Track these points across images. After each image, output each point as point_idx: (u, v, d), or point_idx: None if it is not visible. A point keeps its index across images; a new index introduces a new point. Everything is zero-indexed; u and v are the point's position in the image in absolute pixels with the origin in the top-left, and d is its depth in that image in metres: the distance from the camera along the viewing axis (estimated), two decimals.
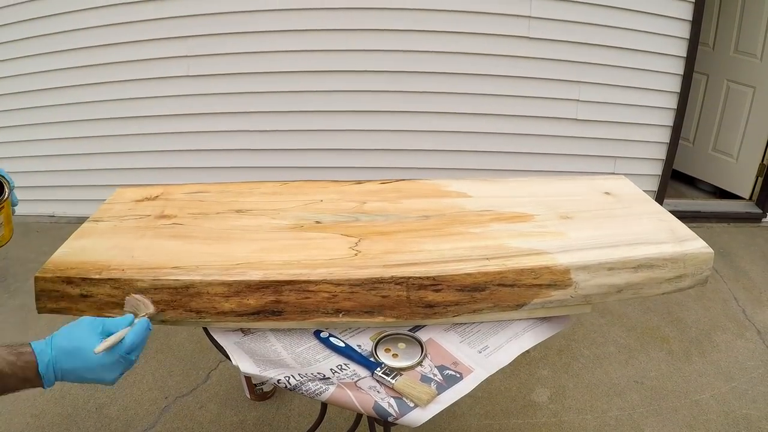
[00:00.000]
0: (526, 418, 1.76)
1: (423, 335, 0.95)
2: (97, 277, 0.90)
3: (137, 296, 0.87)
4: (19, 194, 0.99)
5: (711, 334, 2.15)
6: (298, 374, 0.85)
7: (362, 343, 0.94)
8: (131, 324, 0.77)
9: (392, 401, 0.81)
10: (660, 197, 2.94)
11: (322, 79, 2.65)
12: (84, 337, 0.72)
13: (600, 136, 2.81)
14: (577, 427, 1.73)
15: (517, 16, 2.52)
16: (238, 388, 1.87)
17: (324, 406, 1.46)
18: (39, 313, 0.93)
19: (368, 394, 0.82)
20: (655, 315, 2.25)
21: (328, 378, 0.85)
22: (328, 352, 0.92)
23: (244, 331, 0.96)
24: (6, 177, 0.91)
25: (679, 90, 2.71)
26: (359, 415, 1.46)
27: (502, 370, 0.90)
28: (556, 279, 0.92)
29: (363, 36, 2.56)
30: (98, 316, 0.77)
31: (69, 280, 0.90)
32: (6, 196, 0.90)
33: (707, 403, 1.81)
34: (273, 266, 0.92)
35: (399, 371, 0.85)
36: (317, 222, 1.08)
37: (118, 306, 0.90)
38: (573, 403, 1.82)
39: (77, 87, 2.77)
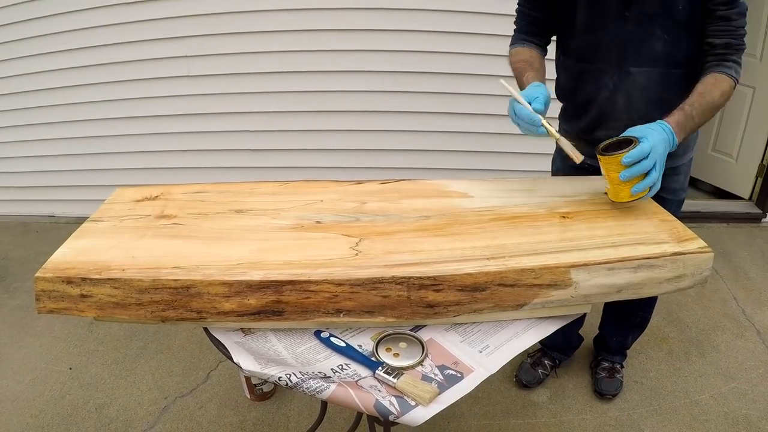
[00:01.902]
0: (526, 418, 1.76)
1: (424, 335, 0.95)
2: (98, 277, 0.90)
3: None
4: (18, 194, 1.01)
5: (711, 335, 2.15)
6: (299, 372, 0.85)
7: (363, 343, 0.94)
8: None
9: (393, 399, 0.81)
10: None
11: (322, 79, 2.66)
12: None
13: None
14: (576, 427, 1.73)
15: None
16: (237, 389, 1.87)
17: (324, 406, 1.46)
18: (39, 313, 0.93)
19: (369, 392, 0.82)
20: (655, 315, 2.24)
21: (329, 377, 0.86)
22: (328, 352, 0.92)
23: (245, 331, 0.96)
24: (637, 137, 1.03)
25: None
26: (359, 416, 1.46)
27: (502, 370, 0.90)
28: (557, 279, 0.92)
29: (363, 36, 2.56)
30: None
31: (69, 280, 0.90)
32: (617, 153, 1.01)
33: (707, 404, 1.81)
34: (274, 266, 0.92)
35: (400, 370, 0.86)
36: (318, 222, 1.08)
37: (119, 306, 0.90)
38: (573, 403, 1.82)
39: (76, 87, 2.77)
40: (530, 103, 1.11)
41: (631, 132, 1.07)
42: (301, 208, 1.14)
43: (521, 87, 1.27)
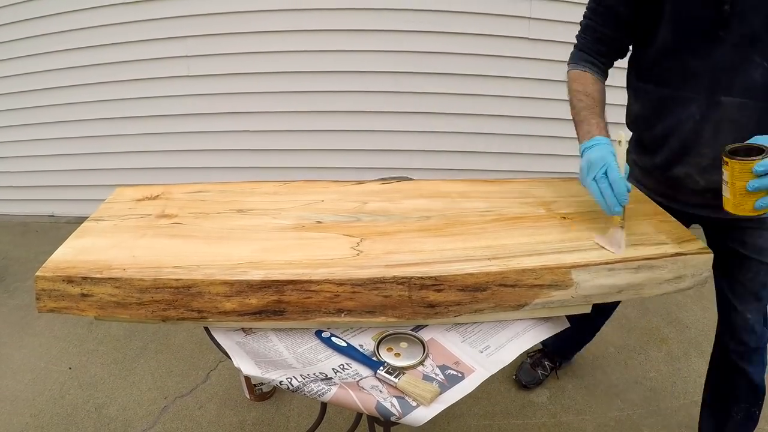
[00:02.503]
0: (526, 418, 1.76)
1: (425, 335, 0.95)
2: (98, 276, 0.90)
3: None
4: (18, 194, 1.01)
5: (710, 335, 2.14)
6: (300, 375, 0.85)
7: (364, 342, 0.94)
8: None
9: (394, 401, 0.81)
10: None
11: (322, 79, 2.66)
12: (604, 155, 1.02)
13: None
14: (576, 428, 1.73)
15: (518, 17, 2.52)
16: (237, 389, 1.87)
17: (324, 406, 1.46)
18: (39, 312, 0.93)
19: (370, 394, 0.82)
20: (655, 316, 2.26)
21: (330, 378, 0.86)
22: (330, 351, 0.92)
23: (246, 331, 0.96)
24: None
25: None
26: (359, 416, 1.46)
27: (502, 371, 0.90)
28: (557, 279, 0.93)
29: (363, 36, 2.56)
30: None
31: (70, 280, 0.90)
32: (750, 159, 0.91)
33: None
34: (274, 266, 0.92)
35: (401, 370, 0.86)
36: (318, 222, 1.08)
37: (120, 306, 0.90)
38: (572, 403, 1.82)
39: (76, 87, 2.77)
40: None
41: (759, 140, 0.94)
42: (301, 208, 1.14)
43: (581, 128, 1.14)
